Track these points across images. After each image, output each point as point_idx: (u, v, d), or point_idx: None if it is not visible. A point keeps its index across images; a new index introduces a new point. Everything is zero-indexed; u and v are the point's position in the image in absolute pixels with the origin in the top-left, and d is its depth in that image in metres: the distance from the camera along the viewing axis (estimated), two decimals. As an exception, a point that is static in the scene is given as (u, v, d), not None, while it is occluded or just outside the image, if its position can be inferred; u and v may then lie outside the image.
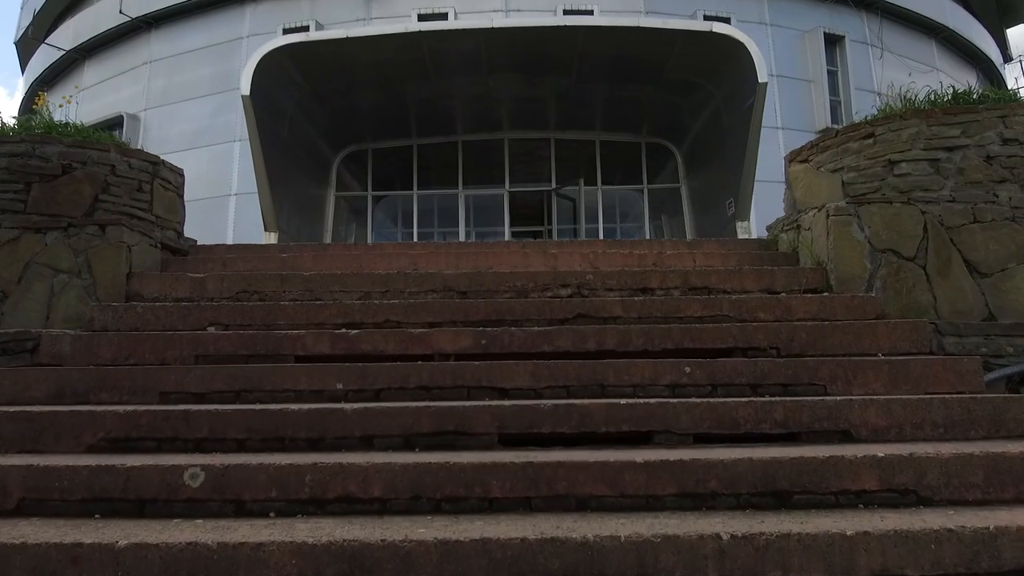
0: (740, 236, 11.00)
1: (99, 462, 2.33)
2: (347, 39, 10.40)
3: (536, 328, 3.40)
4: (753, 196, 10.96)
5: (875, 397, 2.83)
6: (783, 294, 3.88)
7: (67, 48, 18.06)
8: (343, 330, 3.40)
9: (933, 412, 2.70)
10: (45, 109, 5.04)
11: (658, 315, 3.54)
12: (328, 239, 13.51)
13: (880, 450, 2.38)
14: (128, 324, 3.62)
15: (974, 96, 4.36)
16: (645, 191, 14.00)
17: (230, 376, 3.05)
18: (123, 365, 3.26)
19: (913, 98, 4.50)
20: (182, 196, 4.98)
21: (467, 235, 14.80)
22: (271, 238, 11.03)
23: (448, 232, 16.04)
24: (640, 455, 2.36)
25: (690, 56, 10.88)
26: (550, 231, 15.26)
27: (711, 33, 10.31)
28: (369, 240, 14.42)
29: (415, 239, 14.23)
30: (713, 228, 12.25)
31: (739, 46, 10.20)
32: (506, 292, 3.91)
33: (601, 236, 13.96)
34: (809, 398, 2.81)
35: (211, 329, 3.48)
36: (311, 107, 11.79)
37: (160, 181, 4.68)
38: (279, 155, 11.16)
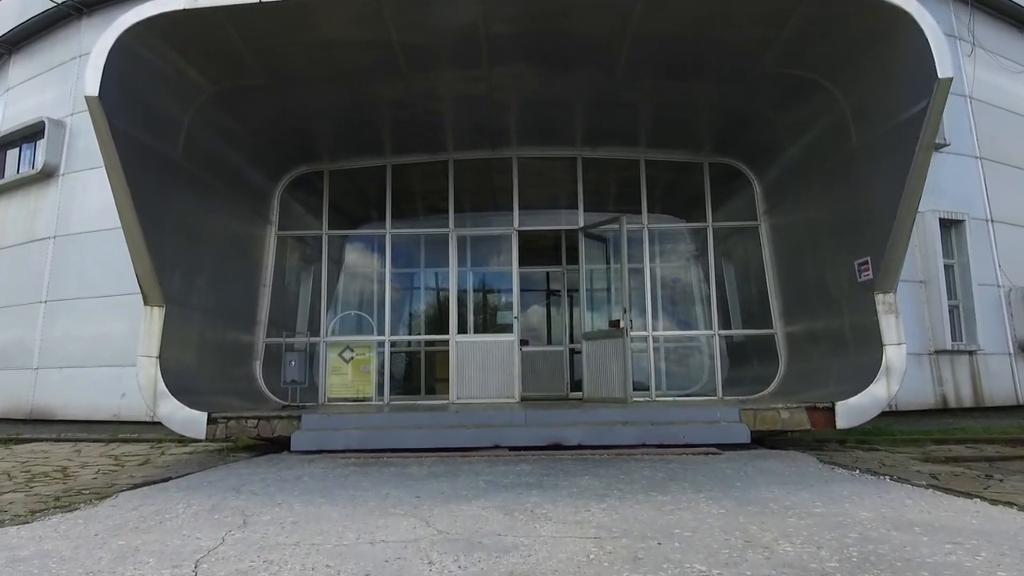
0: (883, 317, 6.62)
1: None
2: (260, 4, 6.00)
3: None
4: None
5: None
6: None
7: (-12, 40, 14.14)
8: None
9: None
10: None
11: None
12: (267, 296, 9.17)
13: None
14: None
15: None
16: (710, 229, 9.55)
17: None
18: None
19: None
20: None
21: (461, 276, 10.53)
22: (154, 315, 6.68)
23: (440, 272, 11.81)
24: None
25: (809, 37, 6.45)
26: (575, 271, 10.96)
27: (854, -4, 5.89)
28: (324, 305, 9.92)
29: (387, 284, 9.81)
30: (816, 291, 7.84)
31: (902, 18, 5.76)
32: None
33: (647, 282, 9.44)
34: None
35: None
36: (222, 114, 7.41)
37: None
38: (167, 186, 6.80)
